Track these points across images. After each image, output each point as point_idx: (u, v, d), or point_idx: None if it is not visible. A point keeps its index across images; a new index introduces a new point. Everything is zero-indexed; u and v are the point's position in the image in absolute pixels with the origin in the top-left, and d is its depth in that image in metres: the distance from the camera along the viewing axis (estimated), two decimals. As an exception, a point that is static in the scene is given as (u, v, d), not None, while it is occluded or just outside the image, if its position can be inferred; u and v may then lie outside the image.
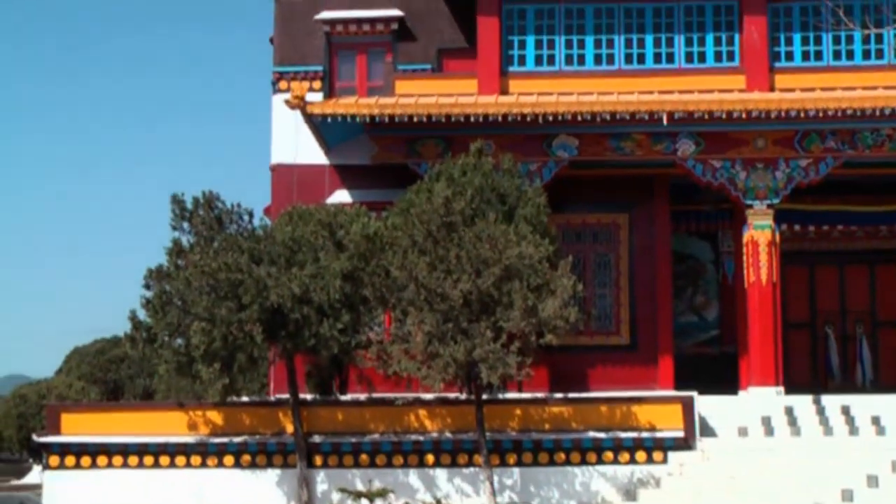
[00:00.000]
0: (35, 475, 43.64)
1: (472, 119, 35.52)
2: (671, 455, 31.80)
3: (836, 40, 37.97)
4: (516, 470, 31.95)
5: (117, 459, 32.95)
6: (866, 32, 36.06)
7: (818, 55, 38.23)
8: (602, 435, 32.21)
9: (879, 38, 37.01)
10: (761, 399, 34.99)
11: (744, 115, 35.73)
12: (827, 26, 37.07)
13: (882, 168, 37.95)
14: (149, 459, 32.88)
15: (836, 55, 38.12)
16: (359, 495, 29.71)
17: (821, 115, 35.62)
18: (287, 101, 36.76)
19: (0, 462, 68.23)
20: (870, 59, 37.90)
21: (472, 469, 31.74)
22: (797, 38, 38.35)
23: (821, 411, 34.08)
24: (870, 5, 36.38)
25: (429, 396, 32.72)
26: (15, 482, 47.89)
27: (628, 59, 38.43)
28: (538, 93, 37.07)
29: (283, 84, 40.57)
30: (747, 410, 34.26)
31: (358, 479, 31.32)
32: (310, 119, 36.48)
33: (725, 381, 36.80)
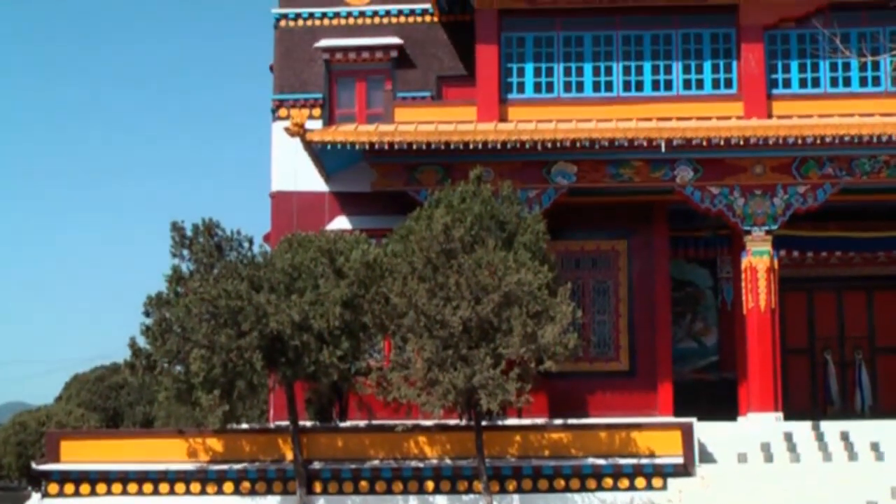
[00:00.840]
0: (33, 502, 43.59)
1: (471, 146, 35.58)
2: (670, 482, 31.82)
3: (833, 67, 38.08)
4: (516, 496, 31.96)
5: (117, 487, 32.99)
6: (863, 60, 36.22)
7: (815, 82, 38.31)
8: (601, 461, 32.25)
9: (876, 66, 37.08)
10: (760, 425, 35.00)
11: (742, 142, 35.78)
12: (824, 54, 37.27)
13: (880, 194, 38.00)
14: (148, 487, 32.91)
15: (833, 82, 38.21)
16: (359, 522, 29.73)
17: (818, 141, 35.74)
18: (287, 129, 36.77)
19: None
20: (867, 87, 37.99)
21: (471, 496, 31.76)
22: (794, 65, 38.43)
23: (820, 437, 34.11)
24: (866, 33, 36.51)
25: (428, 423, 32.81)
26: (10, 511, 47.87)
27: (626, 86, 38.49)
28: (537, 120, 37.16)
29: (282, 111, 40.65)
30: (746, 437, 34.27)
31: (358, 507, 31.35)
32: (309, 146, 36.53)
33: (724, 407, 36.83)
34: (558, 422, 34.10)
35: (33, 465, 37.05)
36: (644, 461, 32.22)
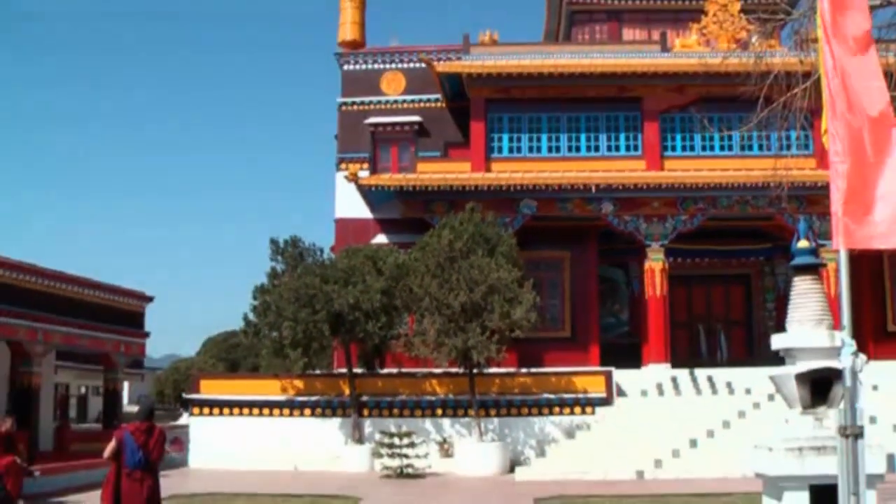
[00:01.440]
0: (184, 419, 43.58)
1: (466, 189, 35.76)
2: (598, 409, 31.96)
3: (703, 138, 38.15)
4: (496, 419, 32.05)
5: (235, 410, 33.28)
6: (721, 134, 36.46)
7: (692, 148, 38.34)
8: (552, 396, 32.35)
9: (731, 138, 37.03)
10: (656, 372, 35.11)
11: (644, 187, 35.99)
12: (697, 130, 37.53)
13: (733, 221, 38.08)
14: (255, 411, 33.16)
15: (703, 148, 38.20)
16: (392, 435, 29.81)
17: (693, 186, 35.95)
18: (346, 177, 37.13)
19: (162, 410, 68.72)
20: (724, 151, 37.93)
21: (466, 419, 31.85)
22: (678, 136, 38.50)
23: (694, 379, 34.27)
24: (724, 117, 36.58)
25: (438, 371, 32.93)
26: (171, 423, 48.09)
27: (569, 149, 38.50)
28: (511, 171, 37.19)
29: (343, 165, 40.79)
30: (647, 379, 34.40)
31: (392, 425, 31.38)
32: (360, 188, 36.73)
33: (633, 360, 36.77)
34: (524, 370, 34.18)
35: (183, 395, 37.23)
36: (580, 396, 32.32)
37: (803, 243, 12.55)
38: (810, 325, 11.95)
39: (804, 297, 12.19)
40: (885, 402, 29.95)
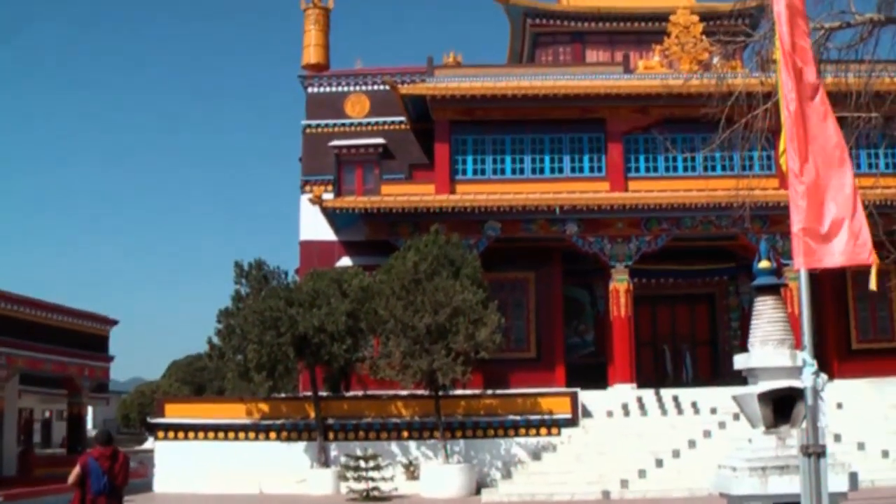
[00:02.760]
0: (149, 443, 43.43)
1: (431, 210, 35.77)
2: (563, 430, 31.96)
3: (666, 159, 38.28)
4: (462, 441, 31.96)
5: (200, 434, 33.04)
6: (684, 155, 36.68)
7: (655, 169, 38.49)
8: (518, 417, 32.33)
9: (693, 158, 37.28)
10: (621, 392, 35.12)
11: (608, 208, 36.17)
12: (660, 151, 37.76)
13: (697, 241, 38.21)
14: (220, 434, 32.95)
15: (667, 169, 38.35)
16: (358, 458, 29.71)
17: (657, 207, 36.07)
18: (310, 199, 37.05)
19: (127, 434, 68.44)
20: (687, 172, 38.06)
21: (432, 441, 31.77)
22: (642, 157, 38.63)
23: (659, 399, 34.35)
24: (686, 137, 36.81)
25: (404, 393, 32.84)
26: (136, 448, 47.84)
27: (533, 171, 38.57)
28: (475, 193, 37.22)
29: (307, 187, 40.73)
30: (612, 400, 34.43)
31: (357, 448, 31.26)
32: (325, 211, 36.68)
33: (599, 380, 36.80)
34: (490, 392, 34.17)
35: (148, 419, 37.07)
36: (546, 417, 32.32)
37: (764, 264, 12.65)
38: (772, 344, 12.03)
39: (766, 317, 12.27)
40: (850, 419, 30.17)
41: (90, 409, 59.47)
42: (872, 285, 8.17)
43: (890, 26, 16.08)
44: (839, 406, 31.85)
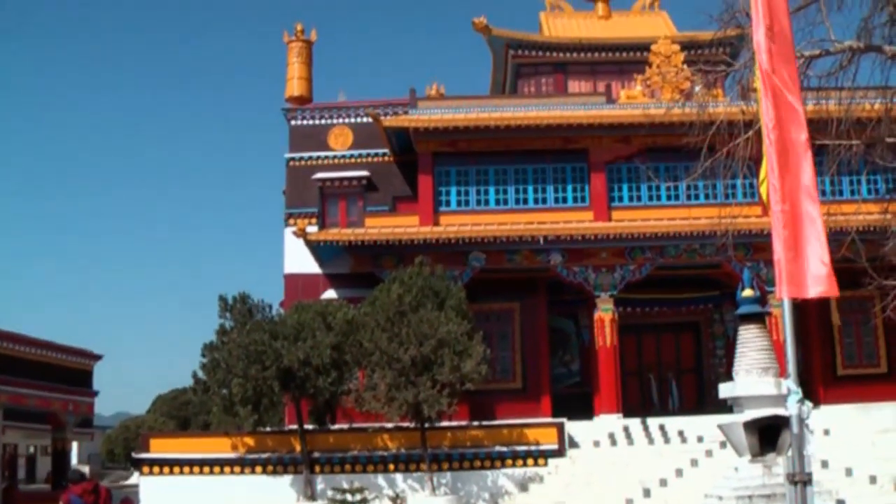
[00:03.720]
0: (134, 478, 43.21)
1: (415, 242, 35.72)
2: (550, 461, 31.91)
3: (650, 188, 38.35)
4: (449, 473, 31.89)
5: (186, 469, 32.89)
6: (667, 184, 36.78)
7: (638, 198, 38.53)
8: (504, 449, 32.26)
9: (676, 187, 37.35)
10: (608, 422, 35.05)
11: (592, 238, 36.14)
12: (643, 180, 37.83)
13: (681, 270, 38.23)
14: (206, 469, 32.79)
15: (650, 198, 38.44)
16: (344, 491, 29.61)
17: (641, 236, 36.11)
18: (294, 232, 37.03)
19: (112, 469, 68.12)
20: (671, 200, 38.16)
21: (419, 473, 31.68)
22: (625, 187, 38.69)
23: (646, 428, 34.29)
24: (669, 167, 36.92)
25: (389, 425, 32.74)
26: (121, 482, 47.63)
27: (517, 201, 38.57)
28: (459, 224, 37.20)
29: (291, 220, 40.67)
30: (599, 430, 34.36)
31: (344, 481, 31.14)
32: (309, 243, 36.61)
33: (585, 410, 36.73)
34: (476, 423, 34.15)
35: (133, 454, 36.91)
36: (532, 448, 32.26)
37: (748, 292, 12.69)
38: (756, 373, 12.04)
39: (750, 345, 12.28)
40: (837, 445, 30.14)
41: (75, 445, 59.07)
42: (836, 319, 8.23)
43: (869, 54, 16.16)
44: (826, 432, 31.84)
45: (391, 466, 32.32)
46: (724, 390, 12.49)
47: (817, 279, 7.85)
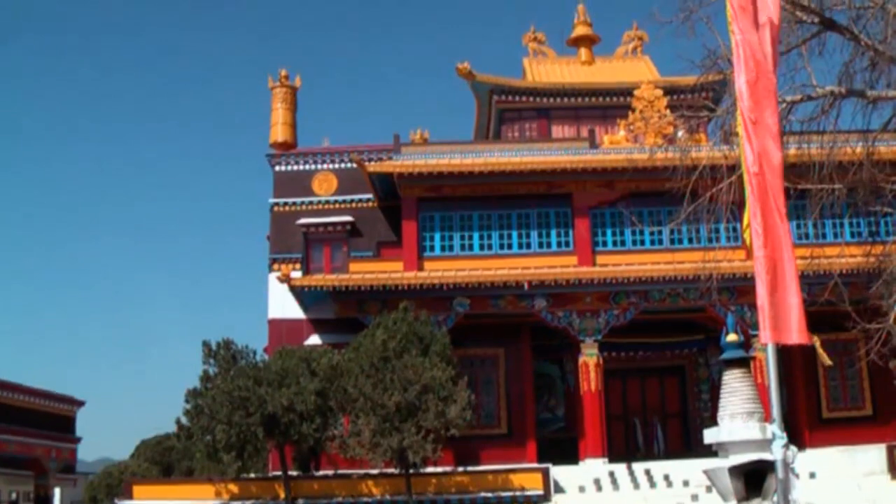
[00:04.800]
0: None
1: (399, 288, 35.69)
2: (535, 506, 31.83)
3: (633, 232, 38.45)
4: (433, 519, 31.79)
5: (168, 517, 32.73)
6: (651, 228, 36.88)
7: (622, 243, 38.62)
8: (490, 495, 32.19)
9: (660, 232, 37.49)
10: (593, 467, 34.94)
11: (576, 282, 36.15)
12: (627, 225, 37.94)
13: (665, 314, 38.31)
14: (189, 517, 32.63)
15: (634, 242, 38.51)
16: (329, 538, 29.50)
17: (625, 281, 36.13)
18: (278, 278, 36.92)
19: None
20: (654, 245, 38.30)
21: (403, 519, 31.56)
22: (609, 231, 38.77)
23: (631, 473, 34.19)
24: (653, 211, 37.07)
25: (374, 471, 32.65)
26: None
27: (501, 246, 38.61)
28: (443, 270, 37.20)
29: (275, 266, 40.63)
30: (584, 475, 34.25)
31: (328, 528, 31.05)
32: (293, 289, 36.54)
33: (570, 455, 36.63)
34: (461, 469, 34.02)
35: (116, 501, 36.65)
36: (518, 493, 32.19)
37: (732, 337, 12.70)
38: (741, 418, 12.03)
39: (734, 390, 12.28)
40: (823, 488, 30.10)
41: (57, 491, 58.66)
42: (827, 361, 8.24)
43: (851, 98, 16.28)
44: (812, 475, 31.82)
45: (376, 513, 32.15)
46: (709, 436, 12.47)
47: (800, 325, 7.87)
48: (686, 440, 40.60)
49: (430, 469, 32.29)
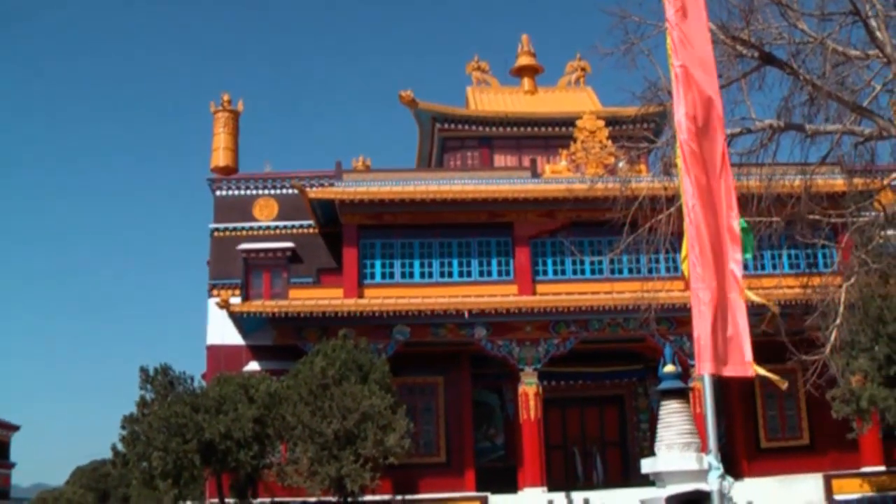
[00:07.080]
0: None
1: (339, 315, 35.56)
2: (473, 536, 31.75)
3: (574, 262, 38.61)
4: (371, 548, 31.63)
5: (101, 547, 32.26)
6: (591, 258, 37.04)
7: (563, 272, 38.77)
8: (427, 523, 32.07)
9: (600, 262, 37.71)
10: (532, 496, 34.96)
11: (516, 311, 36.23)
12: (567, 254, 38.10)
13: (605, 343, 38.46)
14: (122, 546, 32.20)
15: (574, 272, 38.67)
16: (265, 568, 29.30)
17: (565, 310, 36.29)
18: (217, 303, 36.70)
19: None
20: (595, 275, 38.42)
21: (341, 548, 31.37)
22: (549, 261, 38.92)
23: (570, 502, 34.33)
24: (594, 241, 37.31)
25: (312, 500, 32.39)
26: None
27: (442, 274, 38.64)
28: (383, 297, 37.16)
29: (215, 291, 40.34)
30: (523, 504, 34.28)
31: (264, 557, 30.82)
32: (232, 315, 36.31)
33: (509, 484, 36.65)
34: (399, 497, 33.88)
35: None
36: (455, 522, 32.15)
37: (669, 368, 12.76)
38: (678, 448, 12.08)
39: (672, 420, 12.34)
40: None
41: (-11, 519, 57.83)
42: (783, 385, 8.26)
43: (789, 132, 16.47)
44: (749, 506, 31.97)
45: (313, 542, 31.93)
46: (646, 465, 12.51)
47: (740, 357, 7.90)
48: (625, 469, 40.67)
49: (368, 497, 32.12)
